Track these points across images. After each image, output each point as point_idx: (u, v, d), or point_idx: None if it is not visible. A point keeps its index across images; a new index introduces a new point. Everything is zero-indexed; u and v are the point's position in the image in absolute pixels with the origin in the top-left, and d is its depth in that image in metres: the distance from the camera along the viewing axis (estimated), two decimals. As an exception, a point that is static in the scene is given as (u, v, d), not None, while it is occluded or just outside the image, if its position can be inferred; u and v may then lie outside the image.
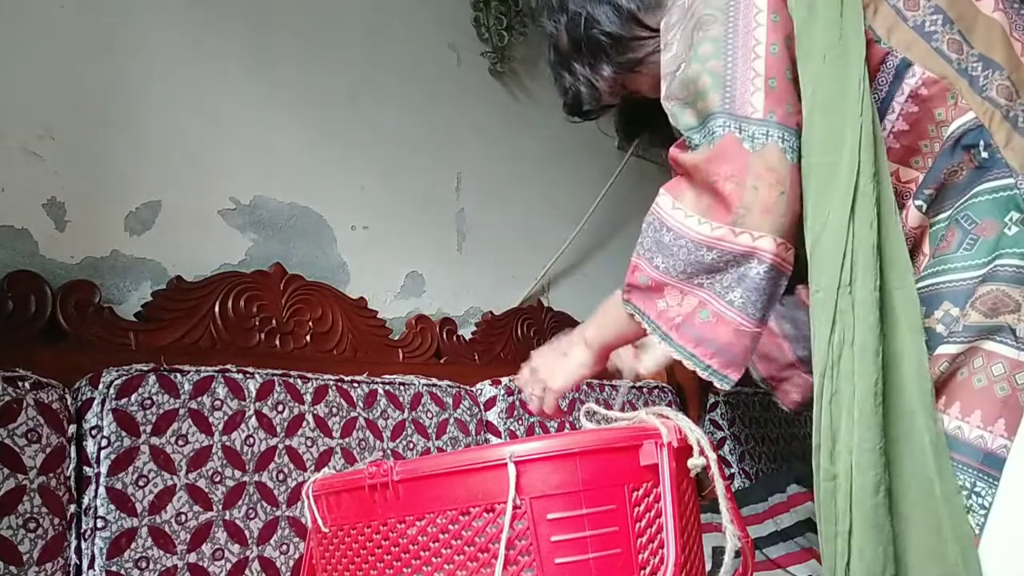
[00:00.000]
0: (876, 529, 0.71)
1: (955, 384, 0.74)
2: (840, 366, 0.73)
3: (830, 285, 0.74)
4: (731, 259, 0.76)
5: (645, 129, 1.13)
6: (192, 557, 1.11)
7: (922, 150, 0.79)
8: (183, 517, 1.11)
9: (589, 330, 0.96)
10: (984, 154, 0.75)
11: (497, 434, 1.60)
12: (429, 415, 1.49)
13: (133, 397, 1.11)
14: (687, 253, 0.78)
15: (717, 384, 0.79)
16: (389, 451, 1.40)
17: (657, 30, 0.89)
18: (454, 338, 1.76)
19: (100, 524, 1.04)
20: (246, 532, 1.17)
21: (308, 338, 1.47)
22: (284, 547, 1.21)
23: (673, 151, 0.82)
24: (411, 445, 1.44)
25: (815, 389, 0.76)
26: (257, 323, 1.40)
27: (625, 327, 0.88)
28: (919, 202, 0.79)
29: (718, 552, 0.76)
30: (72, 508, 1.04)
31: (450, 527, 0.69)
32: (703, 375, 0.79)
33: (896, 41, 0.77)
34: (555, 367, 1.01)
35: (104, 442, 1.07)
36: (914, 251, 0.80)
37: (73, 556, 1.03)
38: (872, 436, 0.72)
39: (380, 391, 1.44)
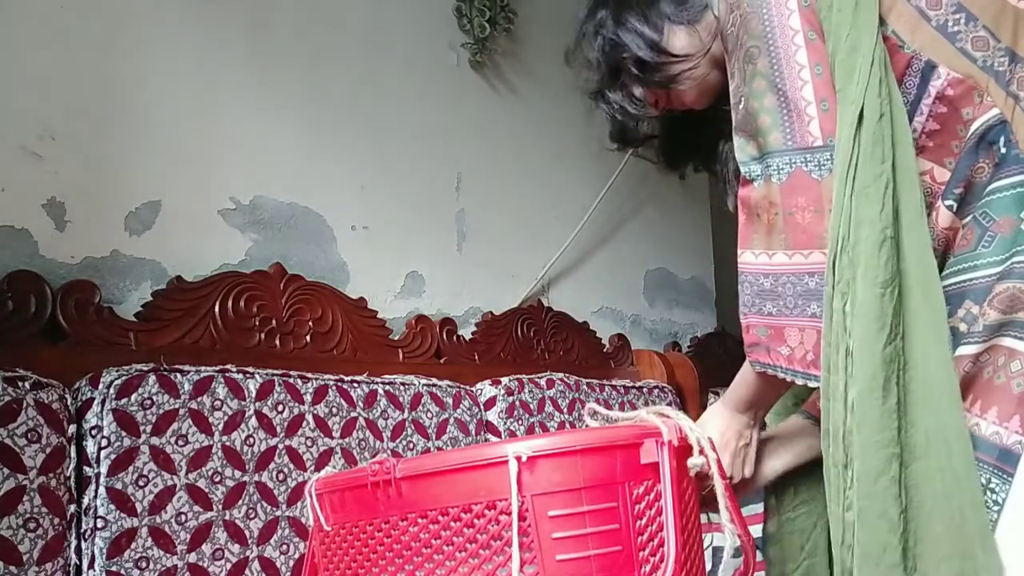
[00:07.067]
0: (879, 516, 0.72)
1: (979, 383, 0.74)
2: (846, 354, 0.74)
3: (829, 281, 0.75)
4: None
5: (689, 158, 1.15)
6: (192, 557, 1.11)
7: (953, 150, 0.79)
8: (183, 517, 1.11)
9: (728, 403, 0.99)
10: (1003, 150, 0.75)
11: (497, 434, 1.60)
12: (429, 415, 1.49)
13: (133, 397, 1.11)
14: (793, 285, 0.80)
15: None
16: (389, 451, 1.40)
17: (679, 56, 0.93)
18: (454, 338, 1.76)
19: (100, 524, 1.04)
20: (246, 532, 1.17)
21: (308, 338, 1.47)
22: (284, 547, 1.21)
23: (741, 192, 0.85)
24: (411, 445, 1.44)
25: (822, 387, 0.77)
26: (257, 323, 1.40)
27: (756, 384, 0.90)
28: (949, 202, 0.79)
29: (719, 551, 0.76)
30: (72, 508, 1.04)
31: (452, 524, 0.69)
32: None
33: (920, 43, 0.78)
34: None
35: (104, 442, 1.07)
36: (946, 251, 0.80)
37: (73, 556, 1.03)
38: (873, 428, 0.72)
39: (380, 391, 1.44)
